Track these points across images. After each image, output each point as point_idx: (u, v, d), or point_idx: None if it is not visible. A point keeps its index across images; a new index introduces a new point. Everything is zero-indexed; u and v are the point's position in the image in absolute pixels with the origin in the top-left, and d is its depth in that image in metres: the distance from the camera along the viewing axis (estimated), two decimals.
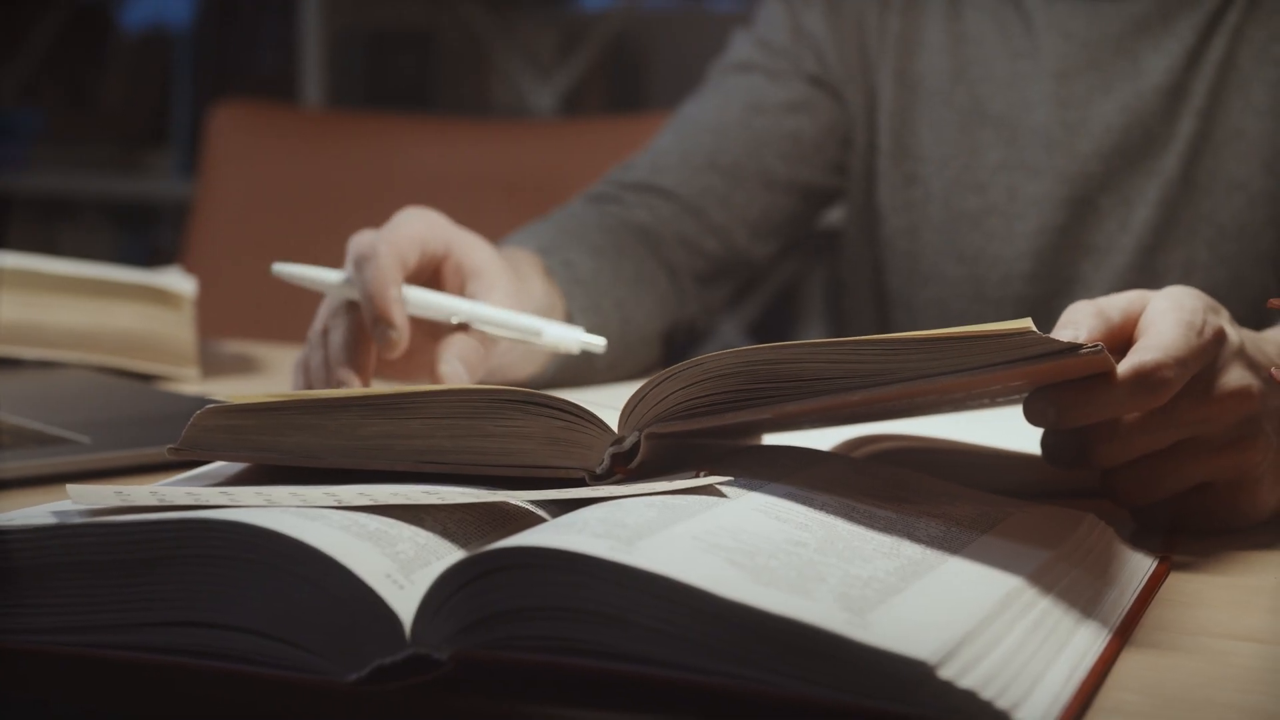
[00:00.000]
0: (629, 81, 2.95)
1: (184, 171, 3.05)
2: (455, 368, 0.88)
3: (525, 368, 1.00)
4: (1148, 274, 1.16)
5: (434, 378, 0.88)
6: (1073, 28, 1.19)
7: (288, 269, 0.92)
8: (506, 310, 0.92)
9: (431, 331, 0.92)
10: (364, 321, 0.89)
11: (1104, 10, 1.17)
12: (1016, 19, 1.22)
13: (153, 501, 0.59)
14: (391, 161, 1.94)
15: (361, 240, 0.91)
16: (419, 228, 0.92)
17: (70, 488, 0.59)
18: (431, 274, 0.93)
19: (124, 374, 1.17)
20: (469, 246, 0.94)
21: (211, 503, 0.59)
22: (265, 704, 0.55)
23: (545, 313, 1.00)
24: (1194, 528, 0.76)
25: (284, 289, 0.97)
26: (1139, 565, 0.68)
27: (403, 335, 0.88)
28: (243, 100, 2.19)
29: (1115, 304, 0.73)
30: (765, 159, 1.25)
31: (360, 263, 0.89)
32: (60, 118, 3.28)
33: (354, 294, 0.90)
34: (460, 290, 0.93)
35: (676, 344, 1.23)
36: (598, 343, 0.92)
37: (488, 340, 0.91)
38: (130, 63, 3.25)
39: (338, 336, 0.90)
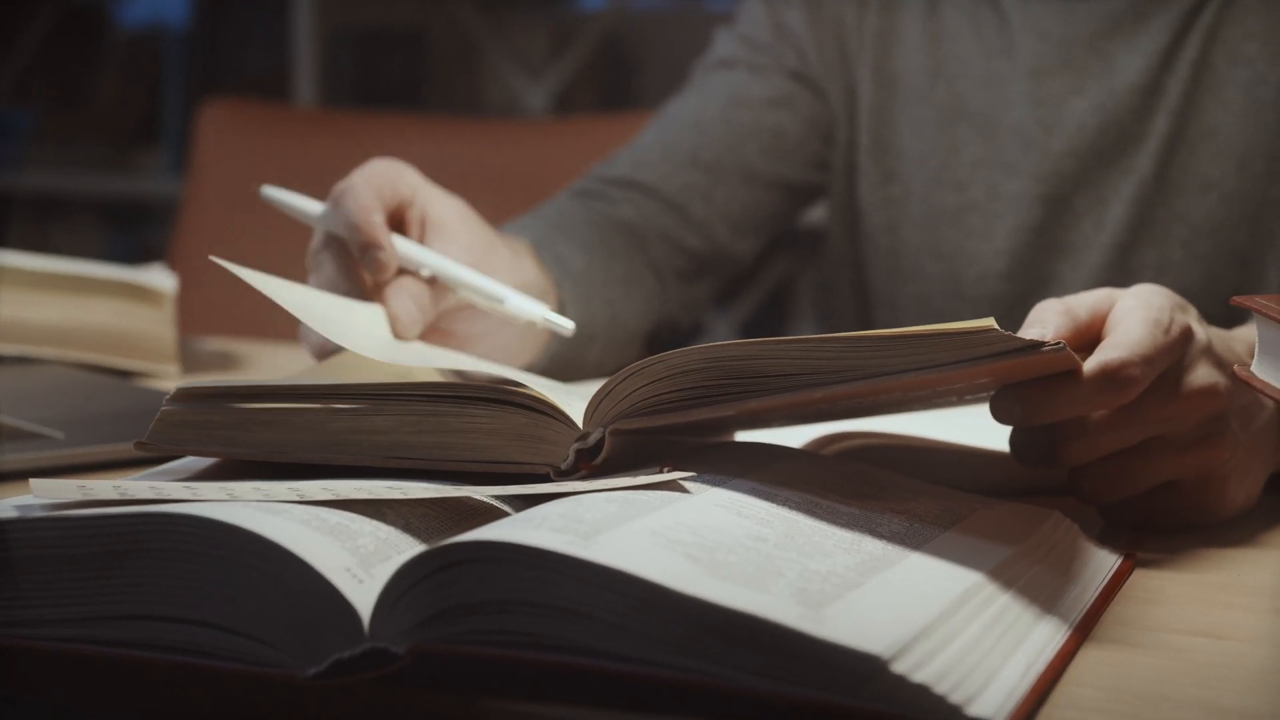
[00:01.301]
0: (620, 81, 2.95)
1: (176, 170, 3.05)
2: (406, 305, 0.88)
3: (520, 356, 1.00)
4: (1122, 272, 1.16)
5: (391, 318, 0.88)
6: (1047, 27, 1.19)
7: (275, 192, 0.93)
8: (474, 272, 0.91)
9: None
10: (348, 251, 0.90)
11: (1078, 9, 1.18)
12: (992, 17, 1.22)
13: (115, 495, 0.59)
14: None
15: (341, 183, 0.92)
16: (389, 172, 0.93)
17: (33, 482, 0.60)
18: (396, 220, 0.93)
19: (103, 370, 1.17)
20: (434, 198, 0.95)
21: (174, 497, 0.59)
22: (224, 698, 0.56)
23: (539, 297, 1.00)
24: (1161, 525, 0.76)
25: None
26: (1103, 562, 0.68)
27: (391, 255, 0.88)
28: (232, 98, 2.19)
29: (1083, 302, 0.73)
30: (746, 154, 1.25)
31: (338, 197, 0.90)
32: (52, 117, 3.28)
33: (334, 226, 0.90)
34: (420, 240, 0.93)
35: (659, 342, 1.23)
36: (564, 325, 0.91)
37: (439, 289, 0.91)
38: (122, 62, 3.25)
39: (327, 270, 0.90)
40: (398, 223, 0.93)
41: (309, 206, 0.92)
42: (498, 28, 2.93)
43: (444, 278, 0.90)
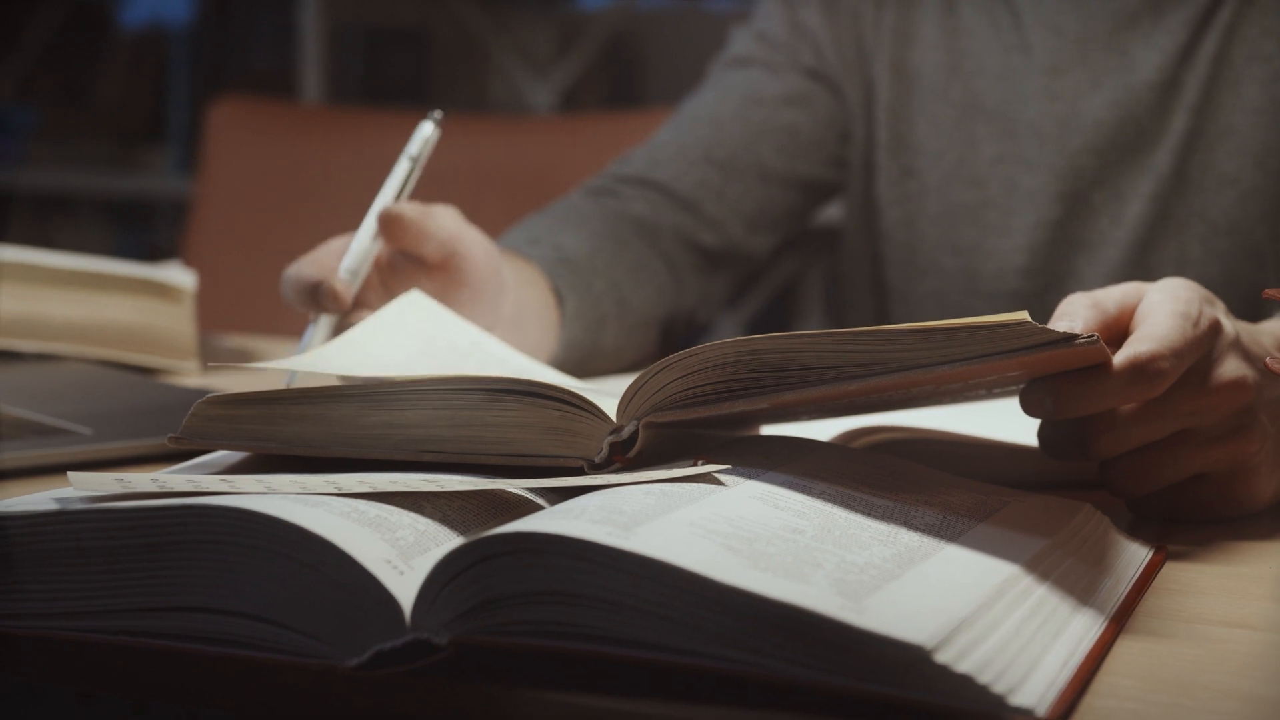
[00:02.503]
0: (625, 80, 2.95)
1: (181, 168, 3.05)
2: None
3: (543, 345, 1.00)
4: (1140, 269, 1.16)
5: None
6: (1063, 23, 1.19)
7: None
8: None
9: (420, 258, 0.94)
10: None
11: (1094, 6, 1.18)
12: (1007, 14, 1.22)
13: (153, 488, 0.59)
14: (389, 157, 1.93)
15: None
16: (452, 221, 0.95)
17: (72, 474, 0.60)
18: (442, 267, 0.94)
19: (123, 367, 1.17)
20: (476, 257, 0.95)
21: (212, 489, 0.59)
22: (265, 689, 0.56)
23: (518, 296, 0.99)
24: (1190, 518, 0.76)
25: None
26: (1135, 554, 0.68)
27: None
28: (241, 96, 2.19)
29: (1111, 296, 0.74)
30: (761, 152, 1.25)
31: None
32: (57, 114, 3.28)
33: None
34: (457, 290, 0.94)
35: (676, 335, 1.24)
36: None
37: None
38: (127, 60, 3.25)
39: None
40: (443, 269, 0.94)
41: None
42: (503, 27, 2.93)
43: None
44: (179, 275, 1.23)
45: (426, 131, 0.97)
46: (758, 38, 1.30)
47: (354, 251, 0.91)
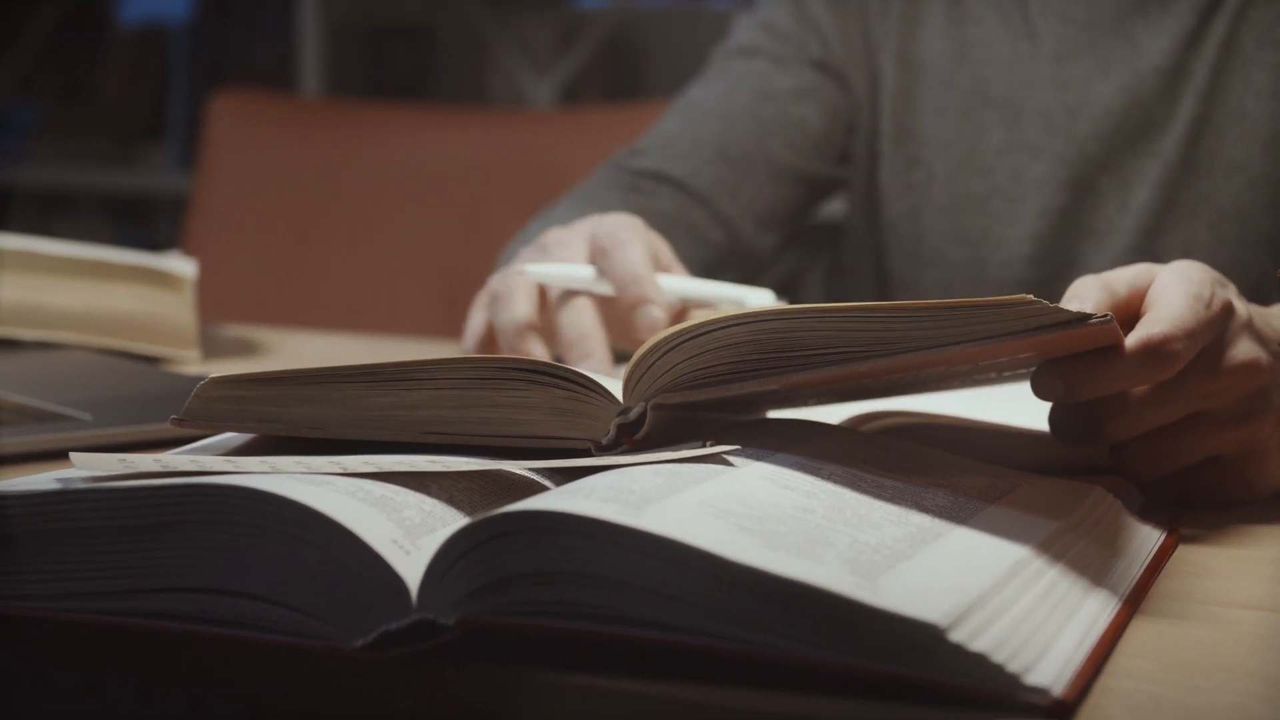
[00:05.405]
0: (625, 78, 2.95)
1: (181, 165, 3.04)
2: (655, 315, 0.91)
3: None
4: (1148, 256, 1.15)
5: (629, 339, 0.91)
6: (1070, 10, 1.18)
7: (537, 269, 0.94)
8: (723, 285, 0.97)
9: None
10: (598, 307, 0.92)
11: None
12: (1014, 2, 1.22)
13: (156, 468, 0.59)
14: (391, 150, 1.94)
15: (601, 232, 0.94)
16: (639, 223, 0.97)
17: (74, 455, 0.59)
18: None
19: (125, 356, 1.17)
20: (661, 244, 0.99)
21: (216, 469, 0.59)
22: (270, 670, 0.55)
23: None
24: (1202, 501, 0.75)
25: (283, 276, 0.97)
26: (1147, 537, 0.68)
27: (661, 313, 0.91)
28: (242, 90, 2.18)
29: (1122, 277, 0.73)
30: (772, 148, 1.25)
31: (608, 250, 0.92)
32: (57, 112, 3.28)
33: (601, 288, 0.93)
34: None
35: None
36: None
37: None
38: (127, 57, 3.24)
39: (586, 320, 0.92)
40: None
41: (580, 272, 0.93)
42: (503, 23, 2.93)
43: (700, 297, 0.95)
44: (180, 263, 1.23)
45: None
46: (764, 28, 1.29)
47: (680, 289, 0.95)
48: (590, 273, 0.93)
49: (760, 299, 0.96)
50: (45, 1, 3.22)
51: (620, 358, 0.88)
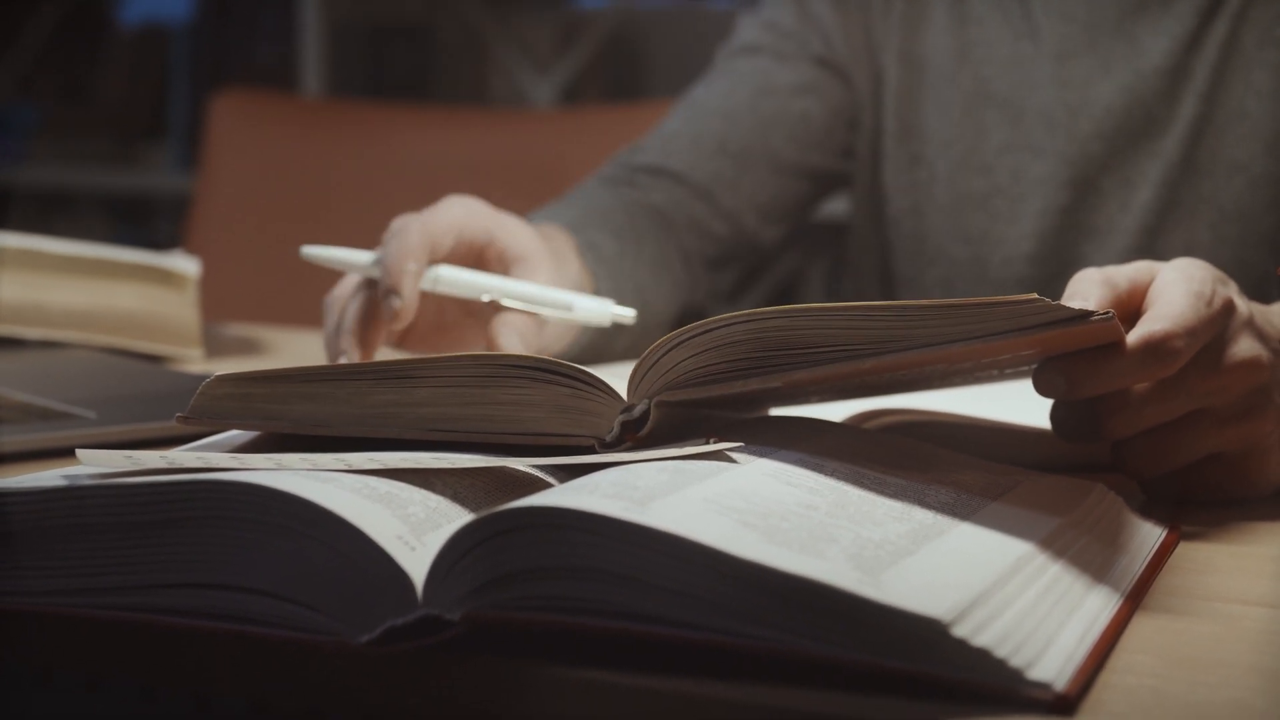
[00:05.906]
0: (625, 78, 2.95)
1: (181, 165, 3.05)
2: (513, 341, 0.89)
3: (553, 346, 1.00)
4: (1149, 256, 1.15)
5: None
6: (1072, 10, 1.19)
7: (317, 250, 0.93)
8: (536, 286, 0.93)
9: (468, 310, 0.94)
10: (376, 297, 0.90)
11: None
12: (1016, 1, 1.22)
13: (163, 465, 0.59)
14: (391, 150, 1.94)
15: (397, 221, 0.92)
16: (458, 213, 0.94)
17: (80, 451, 0.59)
18: (475, 259, 0.95)
19: (128, 354, 1.17)
20: (511, 232, 0.95)
21: (222, 466, 0.59)
22: (275, 665, 0.55)
23: (579, 289, 1.01)
24: (1203, 499, 0.75)
25: (284, 276, 0.98)
26: (1149, 534, 0.68)
27: (408, 306, 0.88)
28: (243, 89, 2.18)
29: (1122, 273, 0.73)
30: (774, 142, 1.25)
31: (387, 239, 0.91)
32: (57, 112, 3.28)
33: (376, 272, 0.91)
34: (505, 275, 0.94)
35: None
36: (627, 314, 0.94)
37: (538, 318, 0.92)
38: (127, 57, 3.25)
39: (352, 309, 0.91)
40: (477, 262, 0.94)
41: (357, 258, 0.93)
42: (504, 23, 2.93)
43: (508, 300, 0.91)
44: (183, 262, 1.23)
45: (607, 317, 0.94)
46: (766, 26, 1.29)
47: (479, 283, 0.92)
48: (368, 259, 0.92)
49: (592, 306, 0.93)
50: (45, 1, 3.22)
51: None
